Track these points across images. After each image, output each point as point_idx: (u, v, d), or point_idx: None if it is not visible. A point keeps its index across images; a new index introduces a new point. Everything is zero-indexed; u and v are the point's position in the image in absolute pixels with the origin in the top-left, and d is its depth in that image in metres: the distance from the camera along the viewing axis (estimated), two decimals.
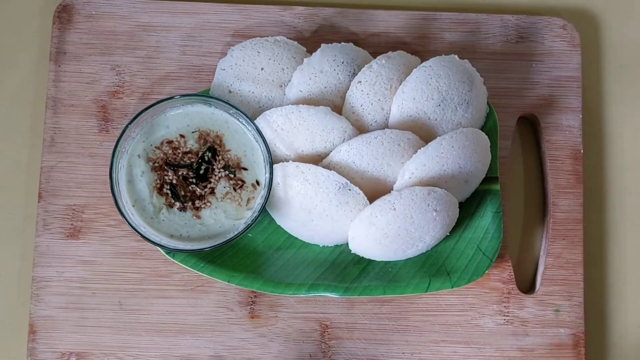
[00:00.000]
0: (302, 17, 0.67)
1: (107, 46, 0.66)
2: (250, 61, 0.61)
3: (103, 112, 0.65)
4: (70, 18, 0.66)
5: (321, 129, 0.59)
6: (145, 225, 0.59)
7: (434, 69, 0.60)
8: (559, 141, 0.66)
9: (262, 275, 0.61)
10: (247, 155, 0.61)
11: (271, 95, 0.62)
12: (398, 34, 0.67)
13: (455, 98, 0.60)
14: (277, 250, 0.62)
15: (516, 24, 0.68)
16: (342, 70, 0.61)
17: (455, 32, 0.67)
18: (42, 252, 0.62)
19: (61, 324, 0.62)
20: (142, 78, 0.65)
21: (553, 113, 0.66)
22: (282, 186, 0.59)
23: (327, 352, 0.62)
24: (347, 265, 0.62)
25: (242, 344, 0.62)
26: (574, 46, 0.67)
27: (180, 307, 0.62)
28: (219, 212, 0.60)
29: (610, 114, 0.69)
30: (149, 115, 0.59)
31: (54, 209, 0.63)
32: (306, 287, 0.60)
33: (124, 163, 0.59)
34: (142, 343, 0.62)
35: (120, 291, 0.62)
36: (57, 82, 0.65)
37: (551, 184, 0.65)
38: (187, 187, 0.60)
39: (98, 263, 0.63)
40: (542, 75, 0.67)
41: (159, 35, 0.66)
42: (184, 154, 0.60)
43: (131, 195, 0.59)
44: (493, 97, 0.65)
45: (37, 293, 0.62)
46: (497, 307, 0.63)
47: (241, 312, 0.63)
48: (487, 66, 0.66)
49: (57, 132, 0.64)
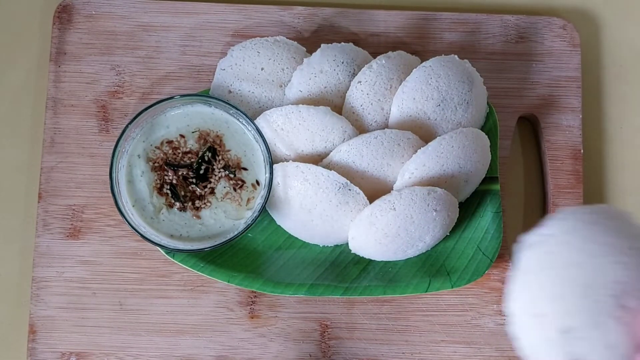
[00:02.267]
0: (302, 17, 0.67)
1: (107, 46, 0.66)
2: (250, 61, 0.61)
3: (103, 112, 0.65)
4: (70, 18, 0.66)
5: (321, 129, 0.59)
6: (145, 225, 0.59)
7: (433, 69, 0.60)
8: (559, 141, 0.66)
9: (262, 275, 0.61)
10: (247, 155, 0.61)
11: (271, 95, 0.62)
12: (398, 34, 0.67)
13: (455, 98, 0.60)
14: (277, 250, 0.62)
15: (516, 24, 0.68)
16: (342, 70, 0.61)
17: (455, 32, 0.67)
18: (42, 252, 0.62)
19: (61, 324, 0.62)
20: (142, 78, 0.65)
21: (553, 113, 0.66)
22: (282, 186, 0.59)
23: (327, 352, 0.62)
24: (347, 265, 0.62)
25: (242, 344, 0.62)
26: (574, 46, 0.67)
27: (180, 307, 0.62)
28: (219, 212, 0.60)
29: (610, 114, 0.69)
30: (149, 115, 0.59)
31: (54, 209, 0.63)
32: (306, 287, 0.60)
33: (124, 163, 0.59)
34: (142, 343, 0.62)
35: (120, 291, 0.62)
36: (57, 83, 0.65)
37: (551, 184, 0.65)
38: (187, 187, 0.60)
39: (98, 263, 0.63)
40: (542, 75, 0.67)
41: (159, 35, 0.66)
42: (184, 154, 0.60)
43: (131, 195, 0.59)
44: (493, 97, 0.65)
45: (37, 293, 0.62)
46: (497, 307, 0.63)
47: (241, 312, 0.63)
48: (487, 66, 0.66)
49: (57, 132, 0.64)
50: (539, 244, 0.38)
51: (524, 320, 0.37)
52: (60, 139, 0.64)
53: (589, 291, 0.36)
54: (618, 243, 0.36)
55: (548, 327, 0.36)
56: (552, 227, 0.38)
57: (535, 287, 0.37)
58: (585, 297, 0.36)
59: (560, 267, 0.36)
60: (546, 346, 0.36)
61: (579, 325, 0.36)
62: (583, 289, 0.36)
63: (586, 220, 0.37)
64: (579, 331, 0.36)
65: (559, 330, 0.36)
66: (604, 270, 0.36)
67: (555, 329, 0.36)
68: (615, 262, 0.36)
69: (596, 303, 0.36)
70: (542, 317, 0.36)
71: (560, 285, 0.36)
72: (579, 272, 0.36)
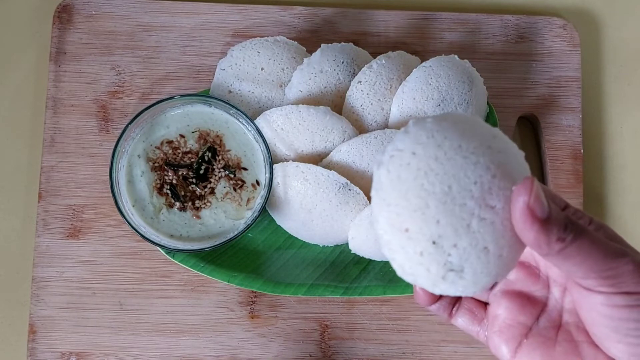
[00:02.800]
0: (302, 17, 0.67)
1: (107, 46, 0.66)
2: (250, 61, 0.61)
3: (103, 112, 0.65)
4: (70, 18, 0.66)
5: (321, 129, 0.59)
6: (145, 225, 0.59)
7: (433, 68, 0.60)
8: (558, 141, 0.66)
9: (262, 275, 0.61)
10: (247, 155, 0.61)
11: (271, 95, 0.62)
12: (398, 33, 0.67)
13: (455, 98, 0.60)
14: (277, 250, 0.62)
15: (516, 24, 0.68)
16: (342, 70, 0.61)
17: (455, 32, 0.67)
18: (42, 252, 0.62)
19: (61, 324, 0.62)
20: (142, 78, 0.65)
21: (553, 113, 0.66)
22: (282, 186, 0.59)
23: (327, 352, 0.62)
24: (347, 265, 0.62)
25: (242, 344, 0.62)
26: (573, 46, 0.67)
27: (180, 307, 0.62)
28: (219, 212, 0.60)
29: (610, 114, 0.69)
30: (149, 115, 0.59)
31: (54, 209, 0.63)
32: (306, 287, 0.60)
33: (124, 163, 0.59)
34: (142, 343, 0.62)
35: (120, 291, 0.62)
36: (57, 82, 0.65)
37: (551, 184, 0.65)
38: (187, 187, 0.60)
39: (98, 263, 0.63)
40: (542, 75, 0.67)
41: (159, 35, 0.66)
42: (184, 154, 0.60)
43: (131, 195, 0.59)
44: (493, 97, 0.65)
45: (37, 293, 0.62)
46: None
47: (241, 312, 0.63)
48: (487, 66, 0.66)
49: (57, 132, 0.64)
50: (391, 159, 0.36)
51: (391, 239, 0.36)
52: (60, 138, 0.64)
53: (449, 197, 0.35)
54: (471, 144, 0.35)
55: (416, 241, 0.35)
56: (401, 140, 0.36)
57: (395, 203, 0.35)
58: (447, 204, 0.35)
59: (416, 177, 0.35)
60: (420, 261, 0.35)
61: (446, 234, 0.35)
62: (443, 196, 0.35)
63: (435, 128, 0.36)
64: (448, 239, 0.35)
65: (428, 242, 0.35)
66: (461, 173, 0.35)
67: (424, 242, 0.35)
68: (473, 163, 0.35)
69: (459, 207, 0.35)
70: (408, 232, 0.35)
71: (419, 196, 0.35)
72: (435, 179, 0.35)
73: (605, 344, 0.36)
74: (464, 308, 0.42)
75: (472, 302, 0.42)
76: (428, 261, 0.35)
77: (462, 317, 0.42)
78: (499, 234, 0.35)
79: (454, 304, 0.42)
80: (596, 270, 0.34)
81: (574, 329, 0.39)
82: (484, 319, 0.42)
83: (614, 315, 0.35)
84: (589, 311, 0.36)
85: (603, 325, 0.36)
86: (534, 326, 0.40)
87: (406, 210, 0.35)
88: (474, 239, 0.35)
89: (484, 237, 0.35)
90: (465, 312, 0.42)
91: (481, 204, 0.35)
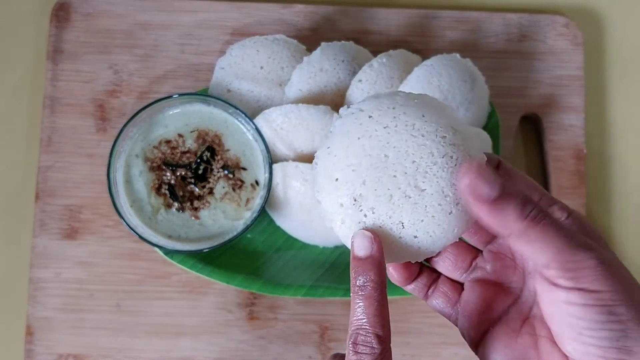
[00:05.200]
0: (302, 15, 0.66)
1: (104, 45, 0.65)
2: (250, 60, 0.61)
3: (100, 111, 0.64)
4: (67, 16, 0.65)
5: (321, 129, 0.58)
6: (143, 225, 0.58)
7: (435, 67, 0.59)
8: (561, 141, 0.66)
9: (262, 277, 0.60)
10: (246, 155, 0.60)
11: (270, 94, 0.61)
12: (399, 32, 0.66)
13: (457, 97, 0.59)
14: (277, 251, 0.62)
15: (518, 23, 0.67)
16: (343, 69, 0.60)
17: (457, 30, 0.67)
18: (39, 253, 0.62)
19: (58, 326, 0.61)
20: (140, 77, 0.65)
21: (555, 112, 0.66)
22: (281, 186, 0.58)
23: (326, 354, 0.62)
24: (347, 267, 0.61)
25: (241, 346, 0.62)
26: (576, 45, 0.67)
27: (179, 308, 0.62)
28: (218, 213, 0.59)
29: (613, 113, 0.69)
30: (147, 114, 0.59)
31: (51, 210, 0.63)
32: (306, 288, 0.60)
33: (121, 163, 0.59)
34: (140, 345, 0.61)
35: (118, 292, 0.62)
36: (54, 81, 0.64)
37: (554, 184, 0.65)
38: (186, 187, 0.59)
39: (95, 264, 0.62)
40: (544, 74, 0.67)
41: (157, 34, 0.65)
42: (182, 154, 0.60)
43: (129, 195, 0.59)
44: (495, 96, 0.65)
45: (34, 294, 0.61)
46: None
47: (240, 314, 0.62)
48: (489, 65, 0.66)
49: (54, 131, 0.64)
50: (350, 115, 0.38)
51: (322, 183, 0.38)
52: (57, 138, 0.64)
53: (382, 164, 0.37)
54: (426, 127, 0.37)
55: (341, 192, 0.37)
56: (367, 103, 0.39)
57: (335, 153, 0.38)
58: (378, 169, 0.37)
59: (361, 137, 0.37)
60: (338, 211, 0.38)
61: (368, 196, 0.37)
62: (377, 161, 0.37)
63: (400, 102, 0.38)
64: (368, 201, 0.37)
65: (350, 197, 0.37)
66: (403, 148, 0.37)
67: (346, 196, 0.37)
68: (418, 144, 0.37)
69: (388, 177, 0.37)
70: (337, 182, 0.38)
71: (356, 154, 0.37)
72: (377, 144, 0.37)
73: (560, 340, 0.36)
74: (439, 291, 0.43)
75: (447, 286, 0.43)
76: (345, 214, 0.37)
77: (437, 299, 0.43)
78: (419, 216, 0.37)
79: (430, 286, 0.43)
80: (558, 260, 0.34)
81: (539, 323, 0.39)
82: (457, 303, 0.43)
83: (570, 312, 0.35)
84: (548, 305, 0.36)
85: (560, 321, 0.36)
86: (503, 316, 0.41)
87: (342, 161, 0.37)
88: (392, 211, 0.37)
89: (401, 213, 0.37)
90: (440, 294, 0.43)
91: (410, 182, 0.37)
